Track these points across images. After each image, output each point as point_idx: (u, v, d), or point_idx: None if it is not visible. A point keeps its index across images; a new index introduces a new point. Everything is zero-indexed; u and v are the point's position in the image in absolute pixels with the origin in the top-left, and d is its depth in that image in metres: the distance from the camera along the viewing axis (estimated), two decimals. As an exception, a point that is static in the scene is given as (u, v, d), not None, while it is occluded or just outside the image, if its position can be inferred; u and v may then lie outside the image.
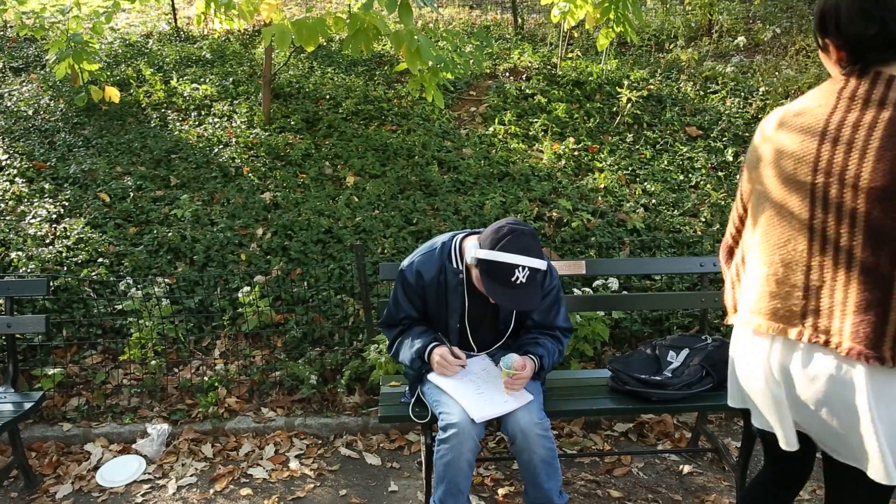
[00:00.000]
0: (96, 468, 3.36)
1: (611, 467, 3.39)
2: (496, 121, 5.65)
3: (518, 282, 2.45)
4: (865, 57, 1.63)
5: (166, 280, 4.18)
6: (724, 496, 3.14)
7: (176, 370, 3.90)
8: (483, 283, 2.50)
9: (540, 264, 2.49)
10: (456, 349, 2.73)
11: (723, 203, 4.83)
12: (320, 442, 3.58)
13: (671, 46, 7.11)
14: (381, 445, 3.57)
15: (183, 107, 5.90)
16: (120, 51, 6.76)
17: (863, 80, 1.62)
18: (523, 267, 2.44)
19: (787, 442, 1.84)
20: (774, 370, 1.79)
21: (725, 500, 3.11)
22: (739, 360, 1.91)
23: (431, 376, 2.71)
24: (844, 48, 1.66)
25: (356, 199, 4.83)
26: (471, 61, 4.92)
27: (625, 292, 4.07)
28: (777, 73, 6.00)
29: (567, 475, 3.31)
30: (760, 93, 5.91)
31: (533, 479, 2.53)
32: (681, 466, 3.39)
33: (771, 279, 1.77)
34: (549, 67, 6.40)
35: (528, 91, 5.99)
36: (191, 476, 3.30)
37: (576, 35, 7.13)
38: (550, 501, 2.55)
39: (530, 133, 5.54)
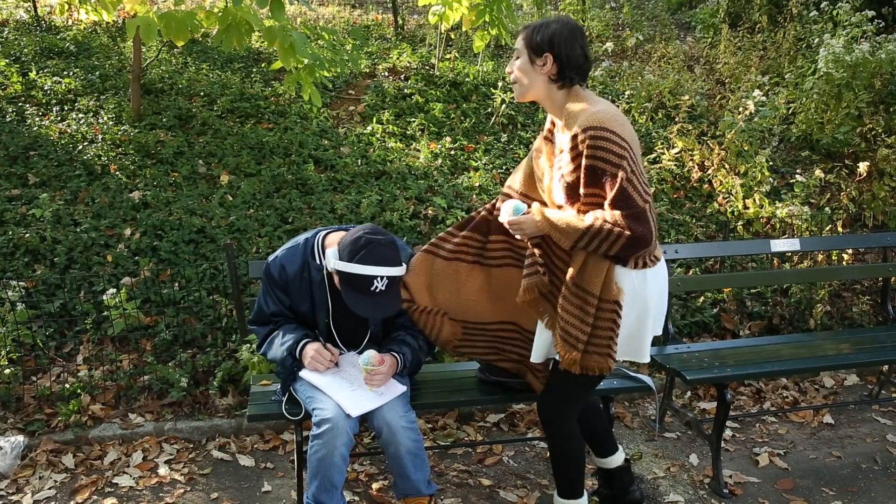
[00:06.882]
0: (-58, 485, 3.15)
1: (483, 457, 3.50)
2: (374, 120, 5.68)
3: (377, 290, 2.53)
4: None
5: (22, 283, 3.95)
6: (588, 479, 3.31)
7: (34, 378, 3.70)
8: (342, 292, 2.55)
9: (398, 271, 2.57)
10: (329, 346, 2.77)
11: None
12: (191, 446, 3.50)
13: (545, 50, 7.36)
14: (256, 446, 3.53)
15: (43, 101, 5.58)
16: (-29, 40, 6.31)
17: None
18: (382, 277, 2.51)
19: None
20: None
21: (588, 482, 3.28)
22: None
23: (304, 373, 2.72)
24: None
25: (230, 198, 4.73)
26: (346, 59, 4.90)
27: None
28: (640, 78, 6.35)
29: (440, 466, 3.40)
30: (626, 96, 6.24)
31: (401, 471, 2.59)
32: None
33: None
34: (427, 68, 6.49)
35: (406, 91, 6.05)
36: (49, 489, 3.15)
37: (453, 37, 7.26)
38: (418, 492, 2.62)
39: (408, 132, 5.61)
